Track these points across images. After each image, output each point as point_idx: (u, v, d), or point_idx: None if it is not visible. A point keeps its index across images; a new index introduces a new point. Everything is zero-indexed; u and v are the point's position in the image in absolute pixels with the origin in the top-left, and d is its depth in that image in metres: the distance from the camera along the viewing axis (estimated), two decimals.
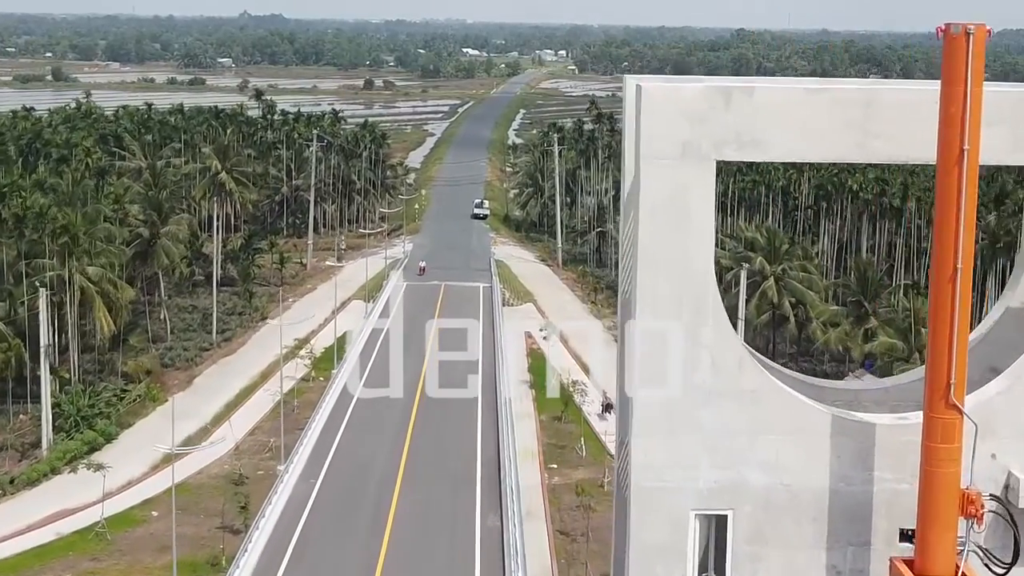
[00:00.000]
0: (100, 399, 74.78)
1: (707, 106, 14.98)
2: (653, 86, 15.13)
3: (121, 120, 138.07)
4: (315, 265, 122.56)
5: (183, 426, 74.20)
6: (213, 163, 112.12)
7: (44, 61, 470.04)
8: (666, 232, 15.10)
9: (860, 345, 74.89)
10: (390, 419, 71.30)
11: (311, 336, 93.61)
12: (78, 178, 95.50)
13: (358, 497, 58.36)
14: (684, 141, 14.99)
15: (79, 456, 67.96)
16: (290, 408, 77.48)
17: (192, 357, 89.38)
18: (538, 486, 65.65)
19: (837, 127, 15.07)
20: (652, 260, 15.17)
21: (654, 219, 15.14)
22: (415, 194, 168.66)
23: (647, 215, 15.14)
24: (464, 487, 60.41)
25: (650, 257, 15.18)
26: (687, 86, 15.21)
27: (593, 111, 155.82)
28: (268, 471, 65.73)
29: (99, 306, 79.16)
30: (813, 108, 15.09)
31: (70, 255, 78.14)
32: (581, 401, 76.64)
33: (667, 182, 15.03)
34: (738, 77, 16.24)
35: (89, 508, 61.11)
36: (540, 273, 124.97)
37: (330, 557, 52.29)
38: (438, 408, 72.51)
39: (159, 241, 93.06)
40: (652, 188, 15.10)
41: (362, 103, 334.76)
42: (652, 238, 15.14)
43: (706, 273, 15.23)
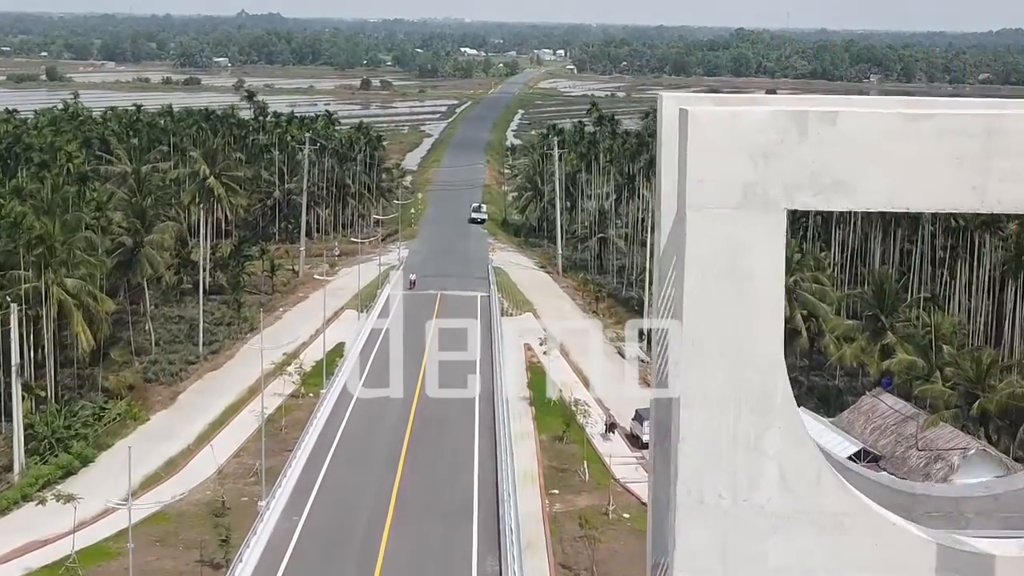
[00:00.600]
0: (77, 419, 70.85)
1: (776, 137, 11.25)
2: (703, 111, 11.40)
3: (109, 122, 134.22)
4: (307, 272, 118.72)
5: (165, 447, 70.61)
6: (201, 167, 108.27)
7: (39, 60, 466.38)
8: (720, 304, 11.40)
9: (877, 362, 71.15)
10: (381, 445, 67.57)
11: (301, 349, 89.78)
12: (59, 184, 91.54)
13: (345, 535, 54.44)
14: (745, 184, 11.29)
15: (53, 481, 64.00)
16: (277, 427, 73.77)
17: (177, 371, 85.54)
18: (538, 513, 61.84)
19: (947, 165, 11.31)
20: (700, 340, 11.45)
21: (704, 286, 11.42)
22: (411, 198, 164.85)
23: (695, 281, 11.42)
24: (460, 521, 56.49)
25: (698, 336, 11.45)
26: (748, 111, 11.47)
27: (594, 113, 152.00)
28: (253, 497, 61.81)
29: (78, 320, 75.29)
30: (915, 140, 11.32)
31: (46, 266, 74.30)
32: (584, 422, 72.85)
33: (722, 238, 11.33)
34: (804, 96, 12.29)
35: (61, 539, 57.27)
36: (539, 280, 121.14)
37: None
38: (433, 431, 68.89)
39: (143, 250, 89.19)
40: (702, 246, 11.38)
41: (359, 103, 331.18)
42: (701, 311, 11.42)
43: (773, 360, 11.51)
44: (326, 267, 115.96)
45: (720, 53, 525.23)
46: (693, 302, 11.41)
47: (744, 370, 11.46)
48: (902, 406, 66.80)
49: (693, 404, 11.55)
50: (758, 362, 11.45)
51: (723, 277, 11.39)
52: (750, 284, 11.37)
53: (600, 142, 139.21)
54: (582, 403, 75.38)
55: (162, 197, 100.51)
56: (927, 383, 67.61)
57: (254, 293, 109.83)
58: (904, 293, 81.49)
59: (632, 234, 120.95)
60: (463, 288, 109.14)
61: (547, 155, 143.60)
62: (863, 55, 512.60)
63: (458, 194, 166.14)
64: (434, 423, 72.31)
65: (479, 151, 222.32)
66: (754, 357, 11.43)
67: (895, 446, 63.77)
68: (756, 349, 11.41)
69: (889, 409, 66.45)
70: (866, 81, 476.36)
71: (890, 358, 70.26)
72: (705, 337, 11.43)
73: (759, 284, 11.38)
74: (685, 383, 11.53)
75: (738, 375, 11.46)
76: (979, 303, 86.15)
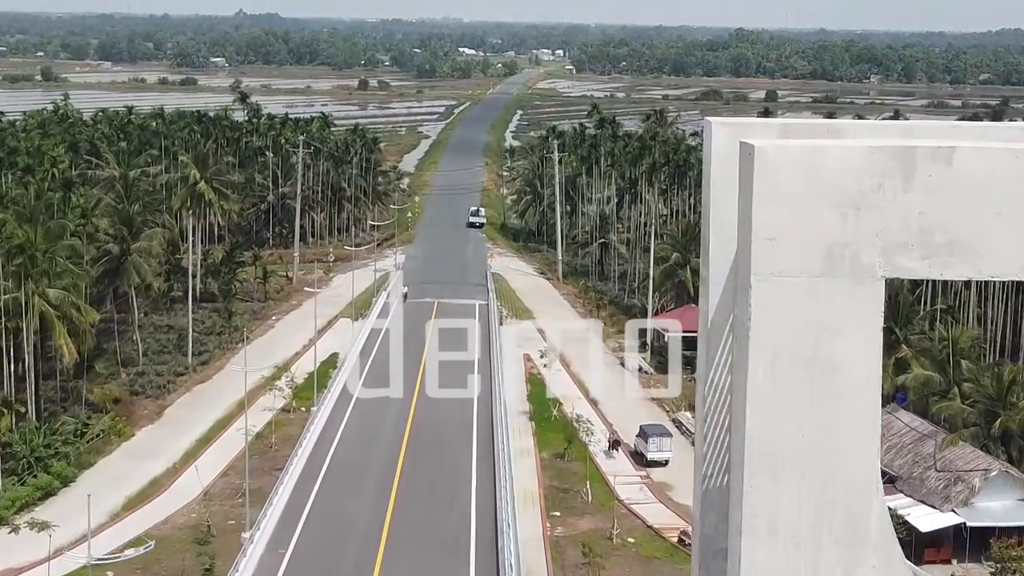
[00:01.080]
0: (58, 437, 67.90)
1: (872, 181, 8.43)
2: (773, 146, 8.54)
3: (99, 125, 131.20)
4: (301, 279, 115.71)
5: (150, 466, 67.77)
6: (192, 172, 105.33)
7: (35, 60, 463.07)
8: (796, 403, 8.54)
9: (891, 376, 68.22)
10: (375, 468, 64.80)
11: (293, 360, 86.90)
12: (44, 190, 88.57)
13: (335, 567, 51.43)
14: (831, 244, 8.47)
15: (31, 503, 61.34)
16: (267, 444, 70.95)
17: (164, 384, 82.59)
18: (539, 538, 59.05)
19: None
20: (769, 450, 8.59)
21: (774, 379, 8.58)
22: (408, 202, 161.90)
23: (763, 372, 8.57)
24: (456, 551, 53.49)
25: (766, 444, 8.60)
26: (834, 146, 8.62)
27: (596, 115, 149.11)
28: (240, 520, 58.92)
29: (60, 332, 72.33)
30: None
31: (27, 276, 71.37)
32: (587, 440, 70.01)
33: (799, 317, 8.49)
34: (887, 120, 9.31)
35: (37, 567, 54.44)
36: (539, 287, 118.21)
37: None
38: (428, 455, 66.16)
39: (129, 257, 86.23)
40: (772, 326, 8.53)
41: (356, 104, 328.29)
42: (770, 412, 8.58)
43: (867, 478, 8.65)
44: (320, 273, 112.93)
45: (719, 53, 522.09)
46: (760, 400, 8.57)
47: (827, 490, 8.60)
48: (919, 424, 63.93)
49: (757, 532, 8.71)
50: (847, 480, 8.59)
51: (801, 368, 8.53)
52: (837, 378, 8.52)
53: (601, 145, 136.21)
54: (584, 420, 72.60)
55: (151, 203, 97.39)
56: (945, 400, 64.74)
57: (246, 301, 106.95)
58: (918, 304, 78.47)
59: (634, 239, 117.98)
60: (461, 296, 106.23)
61: (547, 158, 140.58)
62: (863, 55, 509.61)
63: (456, 197, 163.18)
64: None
65: (477, 153, 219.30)
66: (841, 474, 8.58)
67: (912, 466, 60.89)
68: (844, 464, 8.57)
69: (905, 427, 63.56)
70: (866, 81, 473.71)
71: (905, 373, 67.34)
72: (775, 446, 8.58)
73: (849, 378, 8.53)
74: (748, 505, 8.69)
75: (819, 497, 8.61)
76: (995, 314, 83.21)
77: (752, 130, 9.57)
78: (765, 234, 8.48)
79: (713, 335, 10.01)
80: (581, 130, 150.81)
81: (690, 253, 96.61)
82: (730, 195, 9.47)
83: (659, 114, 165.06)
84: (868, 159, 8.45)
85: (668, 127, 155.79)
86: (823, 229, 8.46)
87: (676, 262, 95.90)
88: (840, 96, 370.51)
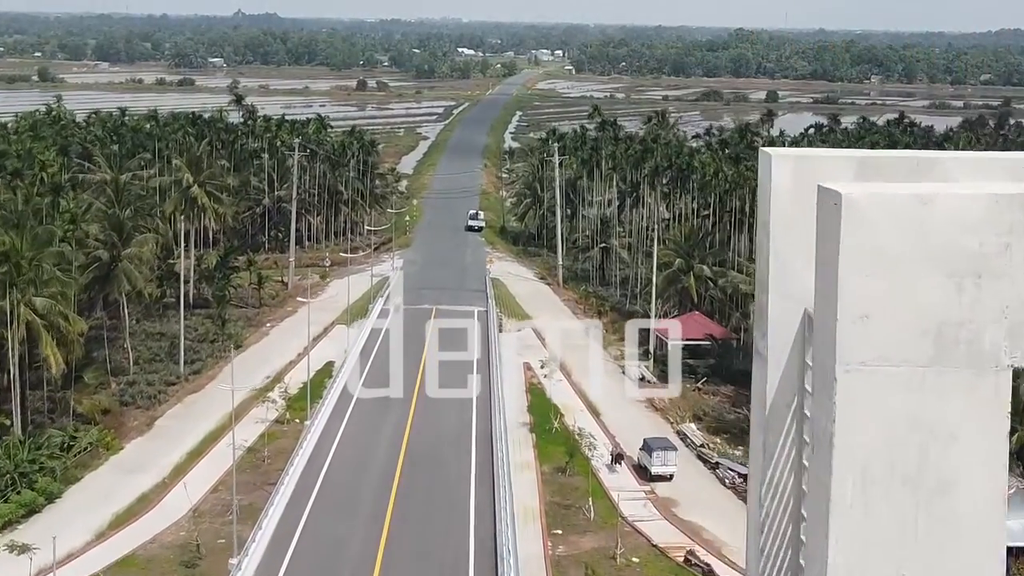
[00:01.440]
0: (43, 451, 65.77)
1: (999, 241, 6.38)
2: (867, 195, 6.48)
3: (92, 127, 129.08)
4: (297, 284, 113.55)
5: (139, 481, 65.71)
6: (185, 176, 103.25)
7: (32, 61, 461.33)
8: (896, 527, 6.50)
9: None
10: (369, 484, 62.77)
11: (287, 369, 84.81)
12: (32, 194, 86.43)
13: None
14: (942, 323, 6.41)
15: (14, 521, 59.23)
16: (260, 458, 68.90)
17: (155, 394, 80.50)
18: (540, 557, 57.04)
19: None
20: None
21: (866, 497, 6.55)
22: (406, 205, 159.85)
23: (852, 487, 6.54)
24: None
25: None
26: (945, 194, 6.55)
27: (597, 117, 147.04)
28: (230, 539, 56.79)
29: (47, 342, 70.23)
30: None
31: (12, 285, 69.28)
32: (589, 453, 67.96)
33: (902, 417, 6.43)
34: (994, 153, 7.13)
35: None
36: (539, 292, 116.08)
37: None
38: (424, 474, 64.16)
39: (120, 264, 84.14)
40: (866, 429, 6.47)
41: (354, 105, 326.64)
42: (863, 538, 6.54)
43: None
44: (315, 279, 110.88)
45: (719, 53, 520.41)
46: (846, 528, 6.53)
47: None
48: None
49: None
50: None
51: (901, 486, 6.48)
52: (949, 499, 6.47)
53: (603, 147, 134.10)
54: (587, 433, 70.57)
55: (143, 207, 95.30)
56: None
57: (241, 307, 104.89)
58: None
59: (636, 244, 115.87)
60: (459, 302, 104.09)
61: (547, 160, 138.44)
62: (864, 56, 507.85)
63: (454, 200, 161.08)
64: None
65: (476, 155, 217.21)
66: None
67: None
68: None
69: None
70: (867, 82, 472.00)
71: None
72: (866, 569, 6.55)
73: (966, 496, 6.48)
74: None
75: None
76: None
77: (823, 165, 7.51)
78: (856, 311, 6.41)
79: (773, 422, 7.95)
80: (582, 132, 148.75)
81: (693, 259, 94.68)
82: (799, 250, 7.42)
83: (661, 116, 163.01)
84: (991, 211, 6.40)
85: (670, 129, 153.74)
86: (932, 303, 6.40)
87: (679, 268, 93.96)
88: (841, 97, 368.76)
